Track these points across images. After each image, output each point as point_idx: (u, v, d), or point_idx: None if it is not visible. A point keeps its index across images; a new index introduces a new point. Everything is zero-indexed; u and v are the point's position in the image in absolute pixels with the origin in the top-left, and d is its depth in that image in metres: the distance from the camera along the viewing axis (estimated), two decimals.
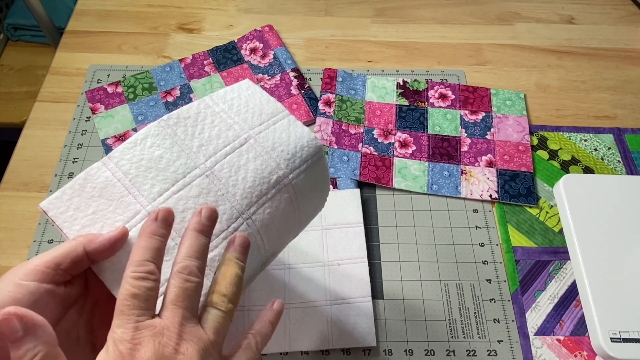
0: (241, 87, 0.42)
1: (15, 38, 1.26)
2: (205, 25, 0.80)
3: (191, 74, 0.73)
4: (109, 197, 0.34)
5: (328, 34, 0.80)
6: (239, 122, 0.39)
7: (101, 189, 0.35)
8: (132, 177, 0.35)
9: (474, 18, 0.82)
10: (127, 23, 0.80)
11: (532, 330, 0.54)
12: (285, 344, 0.51)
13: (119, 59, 0.76)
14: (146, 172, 0.36)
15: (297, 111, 0.69)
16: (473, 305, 0.55)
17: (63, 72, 0.74)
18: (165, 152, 0.37)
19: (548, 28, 0.81)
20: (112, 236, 0.32)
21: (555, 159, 0.66)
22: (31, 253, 0.57)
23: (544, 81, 0.75)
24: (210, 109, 0.39)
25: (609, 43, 0.79)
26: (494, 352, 0.53)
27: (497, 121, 0.69)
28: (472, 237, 0.60)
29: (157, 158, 0.36)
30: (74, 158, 0.65)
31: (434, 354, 0.52)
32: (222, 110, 0.40)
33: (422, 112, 0.70)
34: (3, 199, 0.62)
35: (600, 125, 0.70)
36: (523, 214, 0.62)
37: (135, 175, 0.35)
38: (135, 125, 0.67)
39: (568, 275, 0.57)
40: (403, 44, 0.79)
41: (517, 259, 0.58)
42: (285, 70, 0.73)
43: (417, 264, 0.58)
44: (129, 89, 0.71)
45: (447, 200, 0.63)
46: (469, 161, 0.65)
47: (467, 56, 0.77)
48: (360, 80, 0.72)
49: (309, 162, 0.40)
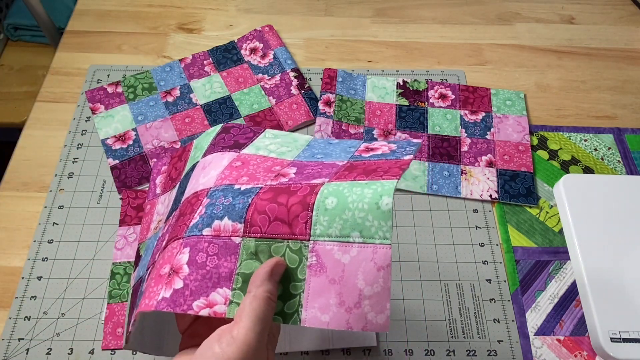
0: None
1: (15, 38, 1.26)
2: (205, 25, 0.80)
3: (191, 74, 0.73)
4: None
5: (328, 34, 0.80)
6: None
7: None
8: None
9: (474, 18, 0.82)
10: (127, 23, 0.80)
11: (532, 330, 0.54)
12: (285, 344, 0.51)
13: (119, 59, 0.76)
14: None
15: (297, 111, 0.69)
16: (473, 305, 0.55)
17: (63, 72, 0.74)
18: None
19: (548, 28, 0.81)
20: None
21: (555, 159, 0.66)
22: (31, 253, 0.57)
23: (544, 81, 0.75)
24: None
25: (609, 43, 0.79)
26: (494, 352, 0.53)
27: (497, 121, 0.69)
28: (472, 237, 0.60)
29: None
30: (74, 158, 0.65)
31: (434, 354, 0.52)
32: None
33: (422, 112, 0.70)
34: (3, 199, 0.62)
35: (600, 125, 0.70)
36: (523, 214, 0.62)
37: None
38: (135, 125, 0.67)
39: (568, 275, 0.57)
40: (403, 44, 0.79)
41: (517, 259, 0.58)
42: (285, 70, 0.73)
43: (417, 264, 0.58)
44: (129, 89, 0.71)
45: (447, 200, 0.63)
46: (469, 161, 0.65)
47: (467, 56, 0.77)
48: (360, 80, 0.72)
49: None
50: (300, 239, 0.34)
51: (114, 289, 0.55)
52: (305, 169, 0.40)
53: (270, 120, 0.68)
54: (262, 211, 0.36)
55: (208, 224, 0.36)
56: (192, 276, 0.35)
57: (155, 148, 0.65)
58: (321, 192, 0.35)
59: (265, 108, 0.69)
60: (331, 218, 0.34)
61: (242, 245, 0.35)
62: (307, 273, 0.34)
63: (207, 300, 0.34)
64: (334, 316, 0.33)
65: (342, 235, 0.34)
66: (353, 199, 0.34)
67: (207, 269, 0.35)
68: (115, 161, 0.64)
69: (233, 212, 0.36)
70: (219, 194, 0.38)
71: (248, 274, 0.35)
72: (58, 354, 0.52)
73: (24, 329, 0.53)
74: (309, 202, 0.35)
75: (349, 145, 0.43)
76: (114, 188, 0.62)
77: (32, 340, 0.52)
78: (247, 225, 0.36)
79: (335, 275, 0.33)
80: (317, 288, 0.33)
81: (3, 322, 0.53)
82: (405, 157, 0.37)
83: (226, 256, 0.35)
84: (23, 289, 0.55)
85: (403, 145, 0.40)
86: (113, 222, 0.60)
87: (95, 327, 0.53)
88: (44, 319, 0.53)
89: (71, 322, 0.53)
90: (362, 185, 0.35)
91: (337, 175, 0.37)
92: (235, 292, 0.34)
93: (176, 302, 0.34)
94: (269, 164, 0.41)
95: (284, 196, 0.36)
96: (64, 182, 0.63)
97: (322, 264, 0.34)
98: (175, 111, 0.69)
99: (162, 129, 0.67)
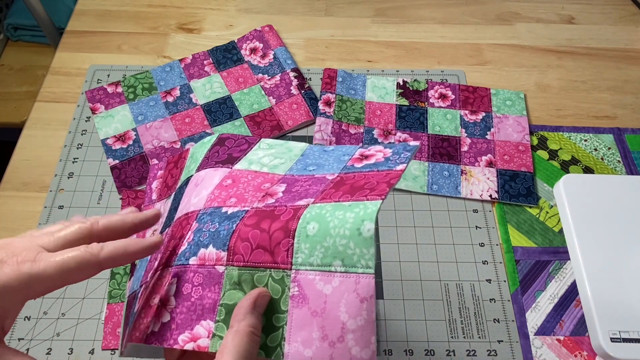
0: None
1: (15, 38, 1.26)
2: (205, 25, 0.80)
3: (191, 74, 0.73)
4: None
5: (328, 34, 0.80)
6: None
7: None
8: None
9: (474, 18, 0.82)
10: (127, 23, 0.80)
11: (532, 330, 0.54)
12: None
13: (119, 59, 0.76)
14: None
15: (297, 111, 0.69)
16: (473, 305, 0.55)
17: (63, 72, 0.74)
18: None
19: (548, 28, 0.81)
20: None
21: (555, 159, 0.66)
22: None
23: (544, 81, 0.75)
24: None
25: (609, 43, 0.79)
26: (494, 352, 0.53)
27: (497, 121, 0.69)
28: (472, 237, 0.60)
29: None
30: (74, 158, 0.65)
31: (434, 354, 0.52)
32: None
33: (422, 112, 0.70)
34: (3, 199, 0.62)
35: (600, 125, 0.70)
36: (523, 214, 0.62)
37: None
38: (135, 125, 0.67)
39: (568, 275, 0.57)
40: (403, 44, 0.79)
41: (517, 259, 0.58)
42: (285, 70, 0.73)
43: (417, 264, 0.58)
44: (129, 89, 0.71)
45: (447, 200, 0.63)
46: (469, 161, 0.65)
47: (467, 56, 0.77)
48: (360, 80, 0.72)
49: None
50: (282, 267, 0.33)
51: (114, 289, 0.55)
52: (294, 186, 0.39)
53: (270, 120, 0.68)
54: (245, 238, 0.34)
55: (194, 252, 0.36)
56: (178, 309, 0.34)
57: (155, 148, 0.65)
58: (303, 217, 0.33)
59: (265, 108, 0.69)
60: (312, 245, 0.32)
61: (225, 274, 0.34)
62: (290, 304, 0.32)
63: (191, 333, 0.33)
64: (316, 351, 0.31)
65: (324, 264, 0.32)
66: (335, 224, 0.32)
67: (192, 300, 0.34)
68: (115, 161, 0.64)
69: (218, 239, 0.35)
70: (207, 218, 0.38)
71: (231, 304, 0.33)
72: (58, 354, 0.52)
73: (24, 329, 0.53)
74: (290, 228, 0.33)
75: (344, 153, 0.41)
76: (114, 188, 0.63)
77: (32, 340, 0.52)
78: (230, 254, 0.34)
79: (317, 307, 0.31)
80: (300, 321, 0.32)
81: None
82: (398, 167, 0.35)
83: (210, 286, 0.34)
84: None
85: (399, 150, 0.38)
86: None
87: (95, 327, 0.53)
88: (44, 319, 0.53)
89: (71, 322, 0.53)
90: (344, 207, 0.33)
91: (322, 195, 0.35)
92: (218, 324, 0.33)
93: (163, 337, 0.34)
94: (259, 181, 0.40)
95: (266, 221, 0.34)
96: (64, 182, 0.63)
97: (304, 294, 0.32)
98: (175, 111, 0.69)
99: (162, 129, 0.67)
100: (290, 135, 0.68)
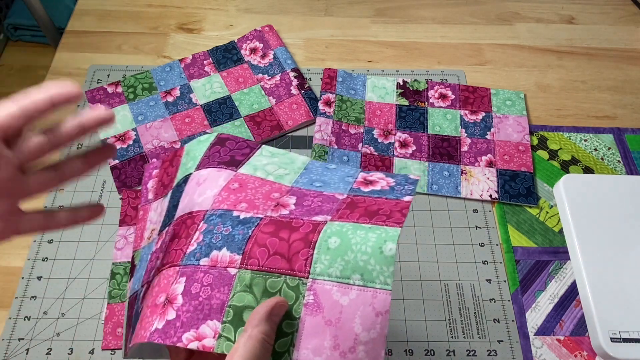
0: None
1: (15, 38, 1.27)
2: (205, 25, 0.80)
3: (191, 74, 0.73)
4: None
5: (328, 34, 0.80)
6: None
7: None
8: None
9: (474, 18, 0.82)
10: (127, 23, 0.80)
11: (532, 330, 0.54)
12: None
13: (119, 59, 0.76)
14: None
15: (297, 111, 0.69)
16: (473, 305, 0.55)
17: (63, 72, 0.74)
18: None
19: (548, 28, 0.81)
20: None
21: (555, 159, 0.66)
22: (31, 253, 0.57)
23: (544, 81, 0.75)
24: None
25: (609, 43, 0.79)
26: (494, 352, 0.53)
27: (497, 121, 0.69)
28: (472, 237, 0.60)
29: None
30: None
31: (434, 354, 0.52)
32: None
33: (422, 112, 0.70)
34: None
35: (600, 125, 0.70)
36: (523, 214, 0.62)
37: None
38: (135, 125, 0.67)
39: (568, 275, 0.57)
40: (403, 44, 0.79)
41: (517, 259, 0.58)
42: (285, 70, 0.73)
43: (417, 264, 0.58)
44: (129, 89, 0.71)
45: (447, 200, 0.63)
46: (469, 161, 0.65)
47: (467, 56, 0.77)
48: (360, 80, 0.72)
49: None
50: (299, 275, 0.34)
51: (114, 289, 0.55)
52: (304, 200, 0.39)
53: (270, 120, 0.68)
54: (262, 244, 0.35)
55: (206, 253, 0.36)
56: (184, 307, 0.34)
57: (155, 148, 0.65)
58: (324, 231, 0.35)
59: (265, 108, 0.69)
60: (333, 258, 0.33)
61: (237, 276, 0.35)
62: (303, 312, 0.33)
63: (196, 332, 0.33)
64: (327, 359, 0.31)
65: (343, 276, 0.33)
66: (357, 241, 0.33)
67: (199, 299, 0.34)
68: (115, 161, 0.64)
69: (232, 243, 0.36)
70: (217, 219, 0.38)
71: (240, 306, 0.34)
72: (58, 354, 0.52)
73: (24, 329, 0.53)
74: (311, 240, 0.34)
75: (347, 174, 0.42)
76: (114, 188, 0.63)
77: (32, 340, 0.52)
78: (245, 257, 0.35)
79: (332, 316, 0.32)
80: (312, 328, 0.32)
81: (3, 322, 0.53)
82: (405, 198, 0.37)
83: (219, 287, 0.35)
84: (23, 289, 0.55)
85: (401, 181, 0.39)
86: (113, 222, 0.60)
87: (95, 327, 0.53)
88: (44, 319, 0.53)
89: (71, 322, 0.53)
90: (365, 228, 0.34)
91: (339, 214, 0.37)
92: (225, 325, 0.33)
93: (167, 334, 0.34)
94: (267, 189, 0.41)
95: (285, 231, 0.35)
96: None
97: (320, 303, 0.33)
98: (175, 111, 0.69)
99: (162, 129, 0.67)
100: (290, 135, 0.68)
